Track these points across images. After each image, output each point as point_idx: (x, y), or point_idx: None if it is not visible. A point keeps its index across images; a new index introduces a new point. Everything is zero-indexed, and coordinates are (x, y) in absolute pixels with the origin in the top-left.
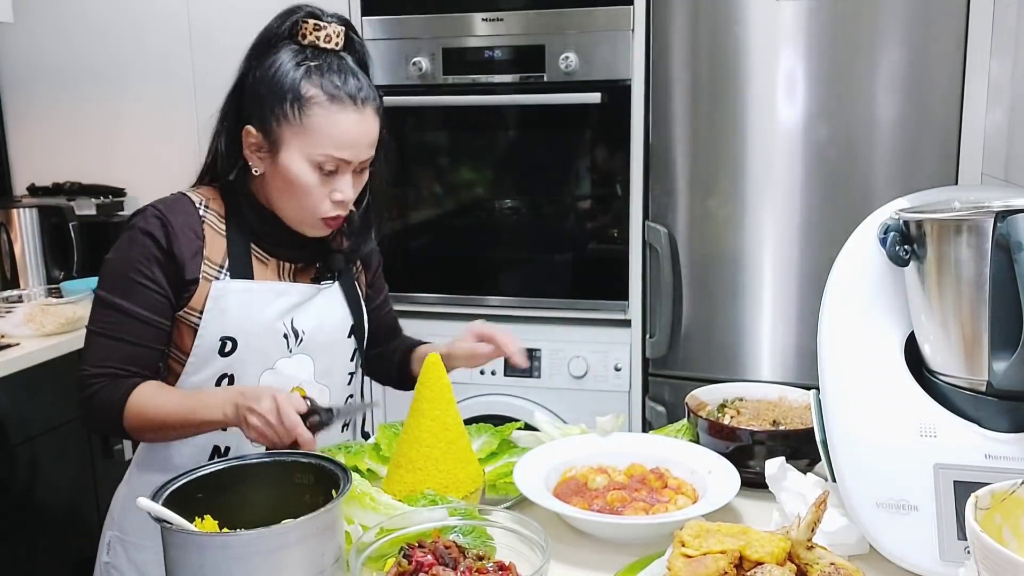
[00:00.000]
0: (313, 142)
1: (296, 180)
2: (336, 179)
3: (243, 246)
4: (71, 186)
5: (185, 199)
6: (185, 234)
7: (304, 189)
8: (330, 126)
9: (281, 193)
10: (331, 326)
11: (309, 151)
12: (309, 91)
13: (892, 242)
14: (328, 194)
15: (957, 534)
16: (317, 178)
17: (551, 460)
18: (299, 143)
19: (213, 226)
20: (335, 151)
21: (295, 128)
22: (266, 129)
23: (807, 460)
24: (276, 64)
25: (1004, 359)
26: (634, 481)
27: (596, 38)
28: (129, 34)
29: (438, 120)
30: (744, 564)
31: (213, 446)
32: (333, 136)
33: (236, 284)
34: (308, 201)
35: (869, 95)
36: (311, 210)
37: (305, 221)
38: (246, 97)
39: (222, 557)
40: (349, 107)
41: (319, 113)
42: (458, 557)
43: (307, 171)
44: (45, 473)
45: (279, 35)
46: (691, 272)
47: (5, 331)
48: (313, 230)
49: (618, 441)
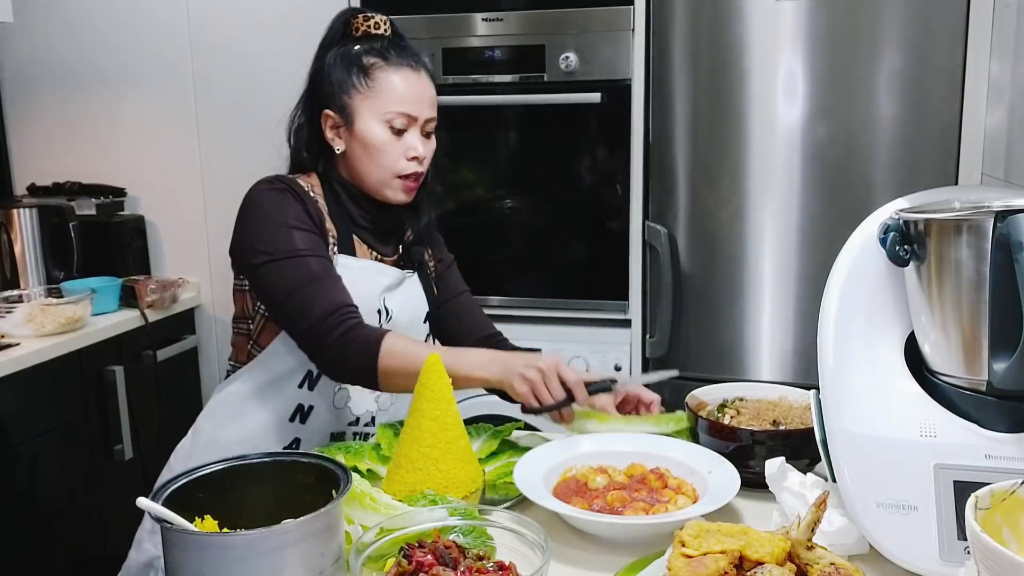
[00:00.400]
0: (381, 101)
1: (372, 141)
2: (407, 137)
3: (347, 231)
4: (71, 186)
5: (296, 182)
6: (312, 204)
7: (380, 148)
8: (392, 85)
9: (361, 160)
10: (413, 309)
11: (380, 110)
12: (370, 60)
13: (892, 242)
14: (403, 152)
15: (957, 534)
16: (390, 135)
17: (551, 460)
18: (370, 107)
19: (323, 207)
20: (401, 107)
21: (364, 94)
22: (340, 106)
23: (807, 460)
24: (339, 53)
25: (1004, 359)
26: (634, 481)
27: (596, 38)
28: (129, 34)
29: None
30: (744, 564)
31: (297, 404)
32: (397, 93)
33: (343, 259)
34: (386, 159)
35: (869, 95)
36: (390, 168)
37: (385, 183)
38: (319, 88)
39: (222, 557)
40: (406, 67)
41: (381, 76)
42: (458, 557)
43: (380, 130)
44: (45, 473)
45: (335, 34)
46: (691, 272)
47: (5, 331)
48: (394, 192)
49: (618, 441)
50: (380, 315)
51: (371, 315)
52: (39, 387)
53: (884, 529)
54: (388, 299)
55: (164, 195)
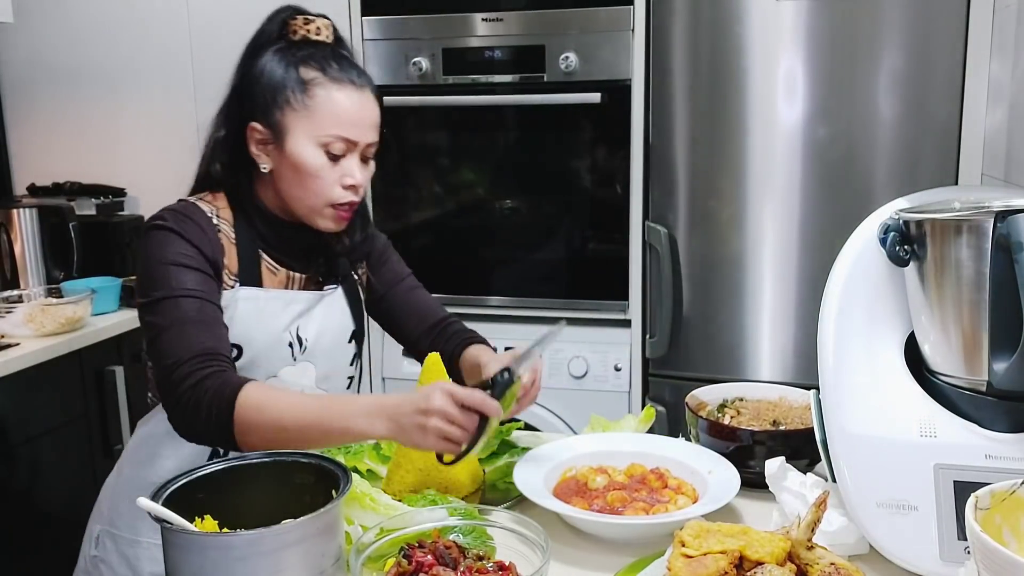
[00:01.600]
0: (318, 123)
1: (305, 165)
2: (344, 163)
3: (253, 256)
4: (71, 186)
5: (197, 208)
6: (211, 238)
7: (313, 173)
8: (333, 105)
9: (291, 184)
10: (333, 332)
11: (316, 133)
12: (309, 74)
13: (892, 242)
14: (338, 179)
15: (957, 534)
16: (326, 160)
17: (551, 460)
18: (305, 127)
19: (226, 235)
20: (340, 130)
21: (300, 112)
22: (270, 121)
23: (807, 460)
24: (273, 59)
25: (1004, 359)
26: (634, 481)
27: (596, 38)
28: (129, 34)
29: (438, 120)
30: (744, 564)
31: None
32: (337, 115)
33: (245, 291)
34: (318, 186)
35: (869, 95)
36: (323, 196)
37: (316, 211)
38: (246, 96)
39: (222, 557)
40: (349, 87)
41: (321, 94)
42: (458, 557)
43: (315, 154)
44: (45, 473)
45: (270, 35)
46: (691, 272)
47: (5, 331)
48: (325, 221)
49: (618, 441)
50: (293, 348)
51: (282, 350)
52: (39, 387)
53: (884, 529)
54: (302, 327)
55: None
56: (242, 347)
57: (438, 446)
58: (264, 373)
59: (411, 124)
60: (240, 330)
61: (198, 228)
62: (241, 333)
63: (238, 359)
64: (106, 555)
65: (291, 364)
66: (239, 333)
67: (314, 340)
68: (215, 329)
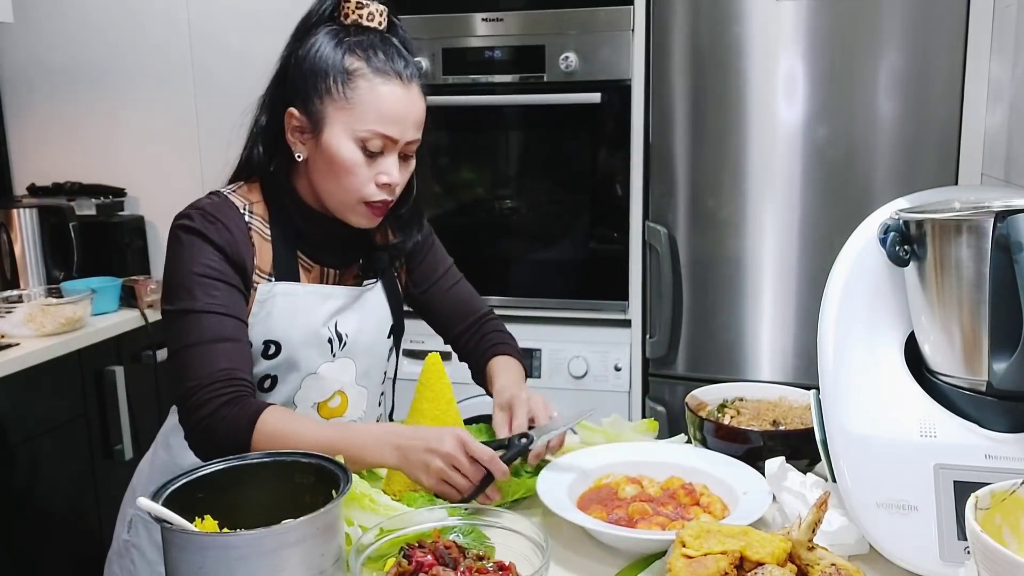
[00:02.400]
0: (358, 117)
1: (340, 159)
2: (382, 160)
3: (289, 252)
4: (71, 186)
5: (228, 203)
6: (240, 238)
7: (348, 168)
8: (375, 99)
9: (324, 176)
10: (373, 328)
11: (354, 127)
12: (353, 64)
13: (892, 242)
14: (374, 176)
15: (957, 534)
16: (362, 157)
17: (588, 464)
18: (343, 119)
19: (259, 232)
20: (380, 127)
21: (339, 103)
22: (309, 109)
23: (807, 460)
24: (319, 43)
25: (1004, 359)
26: (665, 495)
27: (596, 38)
28: (129, 34)
29: (438, 120)
30: (745, 565)
31: None
32: (379, 110)
33: (282, 286)
34: (352, 182)
35: (869, 95)
36: (355, 192)
37: (348, 206)
38: (289, 80)
39: (222, 557)
40: (395, 81)
41: (364, 87)
42: (458, 557)
43: (352, 149)
44: (45, 473)
45: (321, 16)
46: (691, 272)
47: (5, 331)
48: (357, 218)
49: (662, 452)
50: (332, 344)
51: (321, 346)
52: (39, 387)
53: (884, 529)
54: (341, 323)
55: (164, 195)
56: (280, 343)
57: (438, 488)
58: (304, 370)
59: None
60: (278, 326)
61: (226, 229)
62: (279, 329)
63: (277, 355)
64: (138, 540)
65: (330, 360)
66: (277, 329)
67: (354, 336)
68: (236, 348)
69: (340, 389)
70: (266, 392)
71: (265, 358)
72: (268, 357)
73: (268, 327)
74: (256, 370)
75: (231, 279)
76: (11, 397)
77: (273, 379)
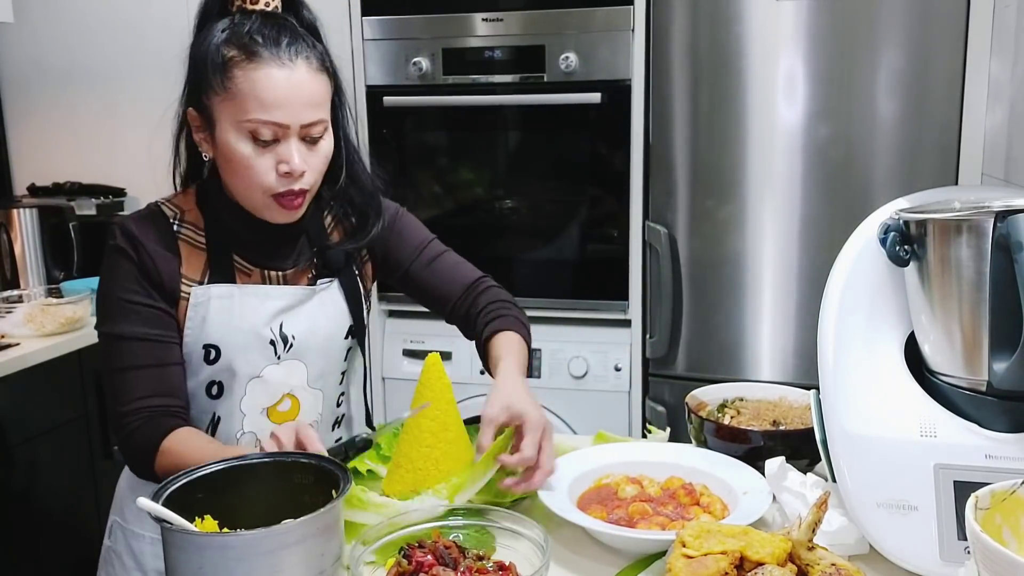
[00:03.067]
0: (240, 108)
1: (234, 154)
2: (278, 148)
3: (225, 257)
4: (71, 186)
5: (158, 212)
6: (158, 253)
7: (243, 162)
8: (252, 87)
9: (228, 175)
10: (327, 329)
11: (238, 118)
12: (229, 53)
13: (892, 242)
14: (274, 166)
15: (957, 534)
16: (252, 148)
17: (589, 464)
18: (228, 112)
19: (189, 240)
20: (263, 114)
21: (222, 96)
22: (201, 106)
23: (807, 460)
24: (203, 37)
25: (1004, 359)
26: (665, 495)
27: (596, 38)
28: (129, 34)
29: (438, 120)
30: (745, 565)
31: None
32: (258, 97)
33: (216, 289)
34: (251, 176)
35: (869, 95)
36: (258, 186)
37: (258, 202)
38: (185, 80)
39: (222, 557)
40: (272, 64)
41: (239, 75)
42: (458, 557)
43: (242, 142)
44: (45, 473)
45: (211, 10)
46: (691, 272)
47: (5, 331)
48: (271, 213)
49: (662, 452)
50: (275, 345)
51: (263, 348)
52: (39, 387)
53: (884, 529)
54: (287, 324)
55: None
56: (219, 347)
57: None
58: (246, 374)
59: (411, 124)
60: (215, 329)
61: (142, 246)
62: (216, 333)
63: (216, 360)
64: (116, 546)
65: (275, 363)
66: (214, 333)
67: (303, 337)
68: (155, 373)
69: (289, 392)
70: (215, 399)
71: (207, 363)
72: (210, 362)
73: (205, 331)
74: (200, 377)
75: (151, 300)
76: (11, 397)
77: (219, 385)
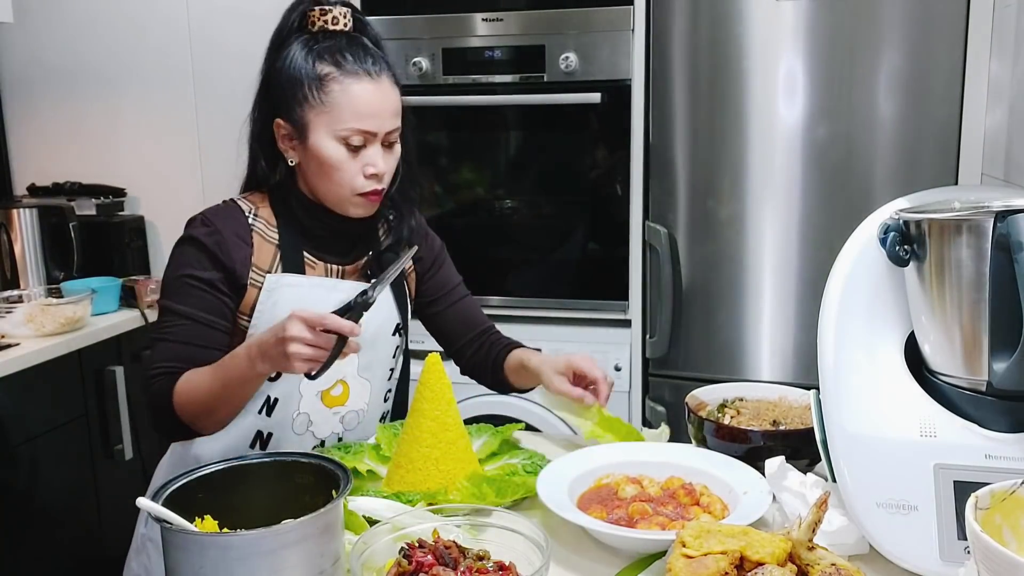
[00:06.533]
0: (335, 118)
1: (327, 159)
2: (365, 153)
3: (295, 251)
4: (71, 186)
5: (234, 206)
6: (233, 240)
7: (335, 166)
8: (349, 99)
9: (317, 177)
10: (377, 323)
11: (334, 127)
12: (324, 69)
13: (892, 242)
14: (360, 169)
15: (957, 534)
16: (346, 153)
17: (588, 464)
18: (323, 122)
19: (262, 234)
20: (358, 123)
21: (317, 108)
22: (293, 117)
23: (807, 460)
24: (292, 54)
25: (1004, 359)
26: (665, 495)
27: (596, 38)
28: (129, 34)
29: (438, 120)
30: (745, 565)
31: (256, 431)
32: (354, 108)
33: (289, 278)
34: (342, 178)
35: (869, 95)
36: (347, 186)
37: (344, 199)
38: (270, 93)
39: (222, 557)
40: (364, 79)
41: (336, 89)
42: (458, 557)
43: (335, 148)
44: (45, 473)
45: (290, 28)
46: (691, 272)
47: (5, 331)
48: (355, 208)
49: (662, 452)
50: None
51: None
52: (39, 387)
53: (884, 529)
54: None
55: (164, 195)
56: None
57: (301, 368)
58: None
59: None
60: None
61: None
62: None
63: None
64: (153, 534)
65: None
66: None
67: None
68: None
69: (342, 378)
70: (272, 380)
71: None
72: None
73: (275, 315)
74: None
75: (212, 284)
76: (11, 397)
77: (279, 372)
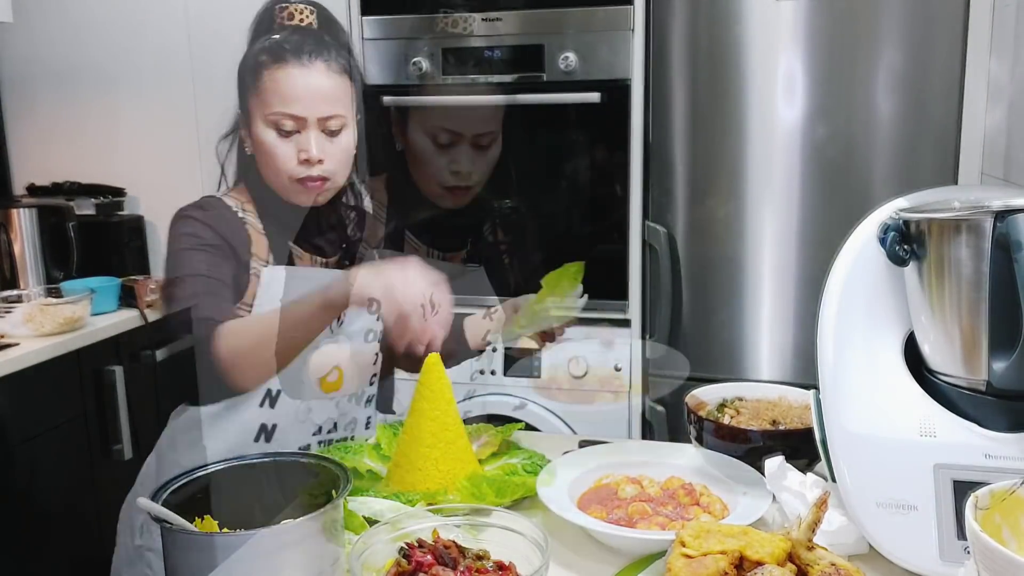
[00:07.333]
0: (264, 102)
1: (260, 143)
2: (298, 138)
3: (282, 243)
4: (71, 186)
5: (220, 201)
6: (230, 224)
7: (268, 151)
8: (275, 83)
9: (260, 164)
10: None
11: (264, 112)
12: (261, 58)
13: (892, 242)
14: (294, 154)
15: (957, 534)
16: (276, 137)
17: (589, 464)
18: (257, 108)
19: (254, 227)
20: (283, 107)
21: (253, 95)
22: (242, 106)
23: (807, 460)
24: (248, 50)
25: (1003, 359)
26: (665, 495)
27: (596, 38)
28: (129, 34)
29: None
30: (744, 564)
31: (260, 424)
32: (279, 92)
33: (283, 271)
34: (276, 162)
35: (869, 95)
36: (283, 172)
37: (284, 185)
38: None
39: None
40: (292, 63)
41: (266, 75)
42: (458, 557)
43: (267, 133)
44: (44, 473)
45: (261, 26)
46: (691, 272)
47: (5, 331)
48: (296, 195)
49: (661, 452)
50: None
51: None
52: (39, 387)
53: (884, 529)
54: None
55: (164, 195)
56: None
57: None
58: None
59: None
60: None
61: (221, 217)
62: None
63: None
64: (153, 543)
65: (330, 337)
66: None
67: (347, 319)
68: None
69: (337, 365)
70: None
71: None
72: None
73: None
74: None
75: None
76: (10, 397)
77: None
